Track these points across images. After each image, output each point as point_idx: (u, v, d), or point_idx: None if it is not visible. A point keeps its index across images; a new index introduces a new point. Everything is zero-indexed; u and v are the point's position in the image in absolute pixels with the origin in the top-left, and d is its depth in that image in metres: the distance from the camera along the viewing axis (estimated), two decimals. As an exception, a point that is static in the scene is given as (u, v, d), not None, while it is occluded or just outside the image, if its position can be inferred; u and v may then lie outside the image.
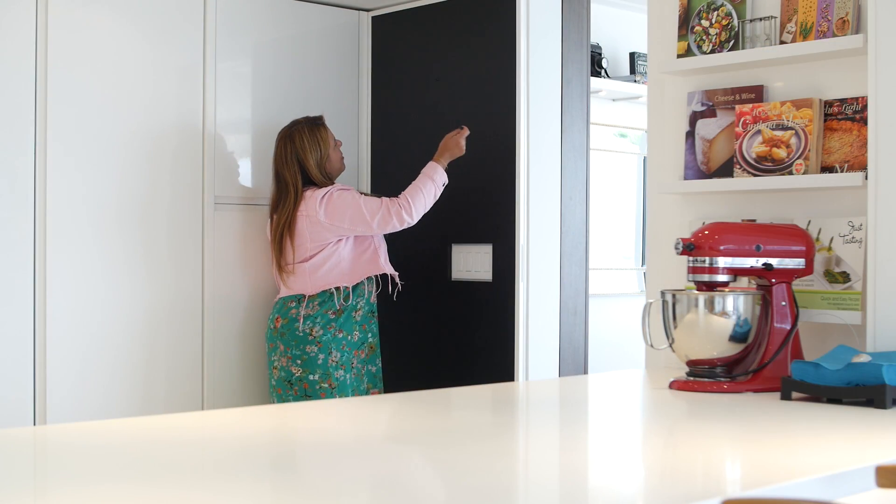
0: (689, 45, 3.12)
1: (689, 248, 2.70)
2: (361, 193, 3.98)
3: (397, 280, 4.07)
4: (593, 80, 4.80)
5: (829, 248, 2.83)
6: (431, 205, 3.89)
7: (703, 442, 2.10)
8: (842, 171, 2.82)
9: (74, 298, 3.78)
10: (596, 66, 4.99)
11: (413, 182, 3.90)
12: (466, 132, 3.94)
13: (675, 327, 2.72)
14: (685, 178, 3.14)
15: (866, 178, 2.73)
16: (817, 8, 2.87)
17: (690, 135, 3.14)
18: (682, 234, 3.01)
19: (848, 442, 2.11)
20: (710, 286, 2.70)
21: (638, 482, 1.80)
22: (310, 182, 3.99)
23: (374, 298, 4.06)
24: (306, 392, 3.91)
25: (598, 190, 4.99)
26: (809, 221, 2.88)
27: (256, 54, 4.22)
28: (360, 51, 4.48)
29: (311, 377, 3.91)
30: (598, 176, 4.99)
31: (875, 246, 2.67)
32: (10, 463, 1.88)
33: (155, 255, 3.96)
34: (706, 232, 2.72)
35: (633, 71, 5.20)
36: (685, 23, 3.13)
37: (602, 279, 5.15)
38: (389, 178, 4.38)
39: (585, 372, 4.07)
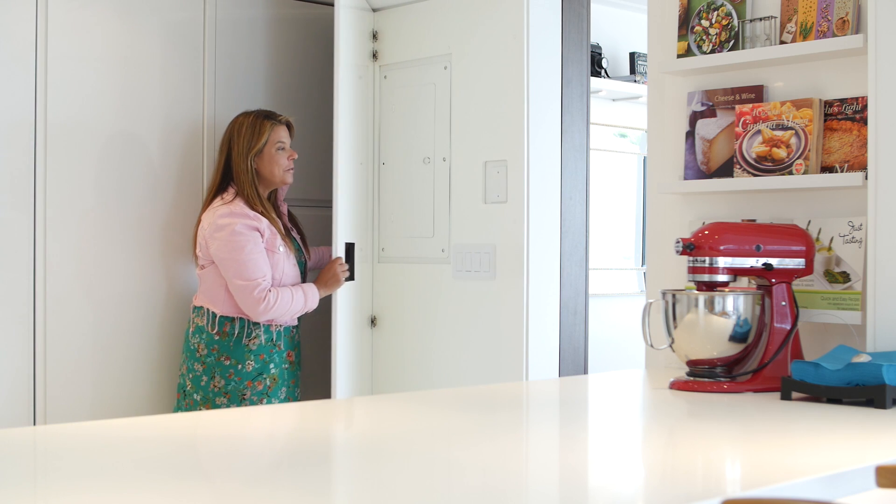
0: (689, 45, 3.12)
1: (689, 248, 2.69)
2: (265, 248, 3.65)
3: (271, 341, 3.72)
4: (593, 80, 4.80)
5: (829, 248, 2.83)
6: (288, 316, 3.73)
7: (703, 442, 2.10)
8: (842, 171, 2.82)
9: (74, 299, 3.78)
10: (596, 66, 4.98)
11: (293, 289, 3.69)
12: (342, 263, 3.86)
13: (675, 327, 2.72)
14: (685, 178, 3.13)
15: (866, 178, 2.73)
16: (817, 8, 2.87)
17: (690, 135, 3.14)
18: (682, 234, 3.01)
19: (848, 442, 2.11)
20: (710, 286, 2.70)
21: (638, 482, 1.80)
22: (232, 178, 3.76)
23: (278, 328, 3.74)
24: (190, 410, 3.69)
25: (598, 190, 4.99)
26: (809, 221, 2.88)
27: (257, 54, 4.21)
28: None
29: (195, 396, 3.70)
30: (598, 176, 4.99)
31: (875, 246, 2.67)
32: (10, 463, 1.87)
33: (155, 254, 3.96)
34: (706, 232, 2.72)
35: (633, 71, 5.20)
36: (685, 23, 3.13)
37: (602, 279, 5.15)
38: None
39: (585, 372, 4.06)
